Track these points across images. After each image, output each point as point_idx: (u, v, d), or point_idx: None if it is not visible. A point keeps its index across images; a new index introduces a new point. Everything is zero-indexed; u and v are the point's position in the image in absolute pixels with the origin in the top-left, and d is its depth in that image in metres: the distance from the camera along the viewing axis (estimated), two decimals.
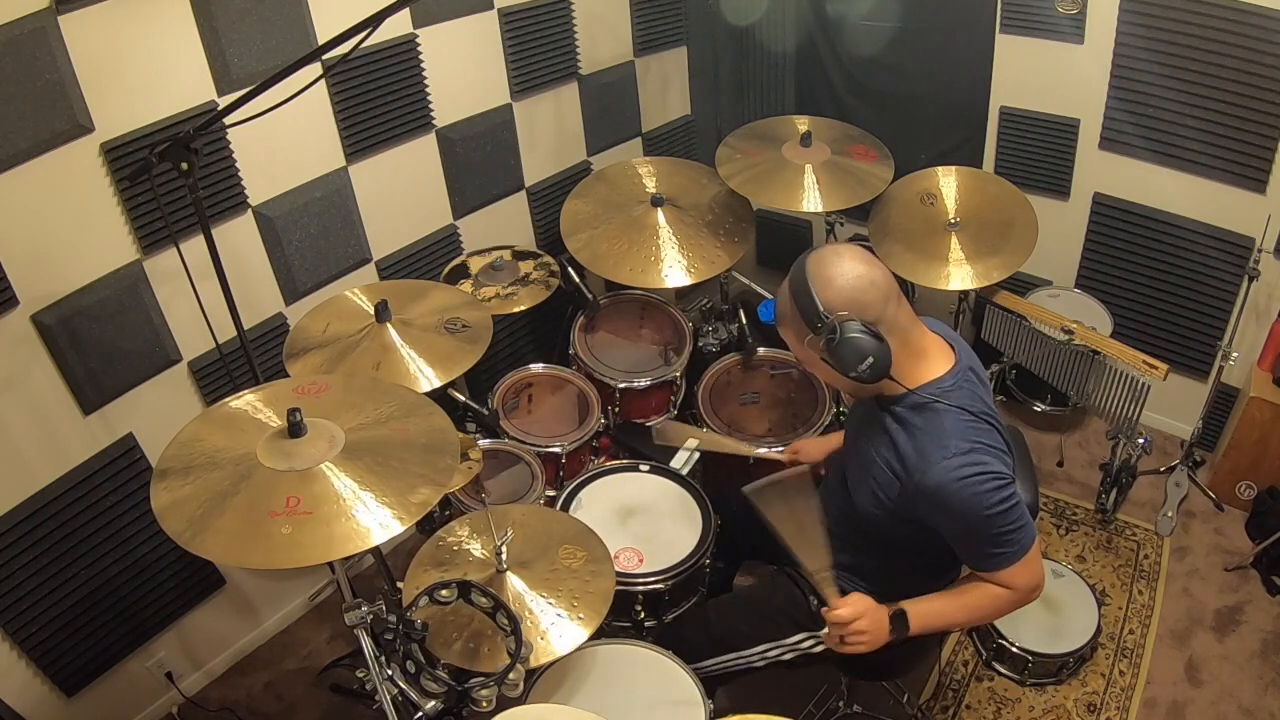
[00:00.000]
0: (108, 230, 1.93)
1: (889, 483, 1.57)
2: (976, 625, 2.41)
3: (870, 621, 1.60)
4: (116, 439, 2.08)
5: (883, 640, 1.61)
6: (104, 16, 1.78)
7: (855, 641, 1.60)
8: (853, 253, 1.53)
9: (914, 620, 1.60)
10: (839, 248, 1.55)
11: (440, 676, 1.49)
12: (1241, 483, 2.83)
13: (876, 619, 1.60)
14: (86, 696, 2.18)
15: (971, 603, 1.61)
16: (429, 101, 2.51)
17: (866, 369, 1.46)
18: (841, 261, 1.51)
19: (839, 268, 1.50)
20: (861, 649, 1.60)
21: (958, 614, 1.63)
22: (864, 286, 1.49)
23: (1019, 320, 2.69)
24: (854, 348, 1.45)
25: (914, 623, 1.60)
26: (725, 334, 2.82)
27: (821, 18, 3.09)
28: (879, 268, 1.53)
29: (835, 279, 1.49)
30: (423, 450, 1.45)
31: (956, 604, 1.62)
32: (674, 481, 2.18)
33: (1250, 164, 2.56)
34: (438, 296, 2.19)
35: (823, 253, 1.54)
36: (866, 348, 1.45)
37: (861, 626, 1.59)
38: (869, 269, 1.51)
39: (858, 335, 1.45)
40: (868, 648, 1.60)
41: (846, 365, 1.47)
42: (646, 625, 1.96)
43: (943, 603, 1.63)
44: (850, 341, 1.45)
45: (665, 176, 2.80)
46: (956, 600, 1.62)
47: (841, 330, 1.45)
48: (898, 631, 1.60)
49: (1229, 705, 2.32)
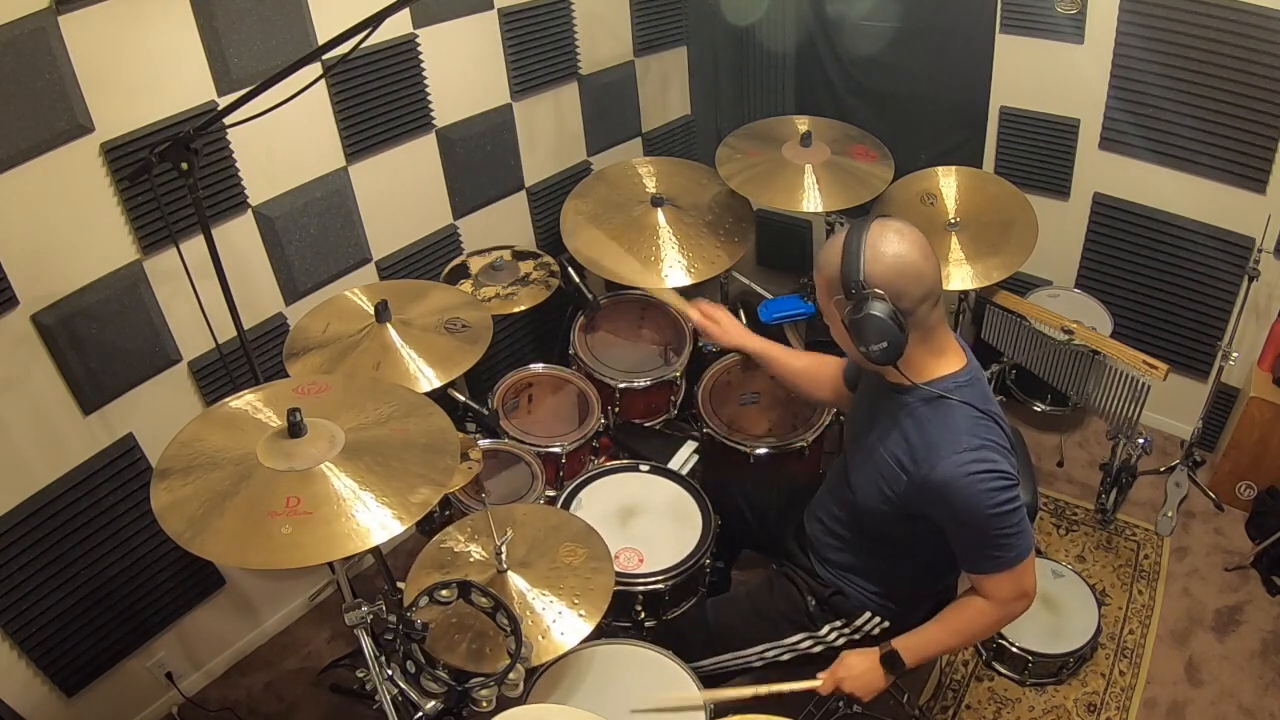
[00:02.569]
0: (108, 230, 1.93)
1: (895, 477, 1.57)
2: (970, 645, 2.42)
3: (858, 679, 1.64)
4: (116, 439, 2.08)
5: (882, 685, 1.65)
6: (104, 16, 1.78)
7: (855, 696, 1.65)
8: (916, 239, 1.51)
9: (907, 655, 1.63)
10: (907, 229, 1.53)
11: (440, 676, 1.49)
12: (1241, 483, 2.83)
13: (864, 671, 1.64)
14: (86, 696, 2.18)
15: (961, 626, 1.62)
16: (429, 101, 2.51)
17: (878, 350, 1.46)
18: (902, 242, 1.49)
19: (897, 247, 1.48)
20: (868, 698, 1.65)
21: (950, 639, 1.65)
22: (910, 275, 1.48)
23: (1019, 320, 2.69)
24: (874, 327, 1.45)
25: (907, 657, 1.63)
26: None
27: (821, 18, 3.09)
28: (933, 263, 1.51)
29: (887, 255, 1.48)
30: (423, 450, 1.45)
31: (946, 630, 1.63)
32: (674, 481, 2.18)
33: (1250, 164, 2.56)
34: (438, 296, 2.19)
35: (890, 224, 1.52)
36: (885, 331, 1.45)
37: (849, 688, 1.64)
38: (923, 262, 1.50)
39: (881, 317, 1.45)
40: (871, 695, 1.65)
41: (860, 338, 1.47)
42: (646, 625, 1.96)
43: (932, 631, 1.64)
44: (873, 320, 1.45)
45: (665, 176, 2.79)
46: (945, 626, 1.63)
47: (869, 306, 1.45)
48: (894, 670, 1.63)
49: (1229, 705, 2.32)
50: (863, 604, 1.79)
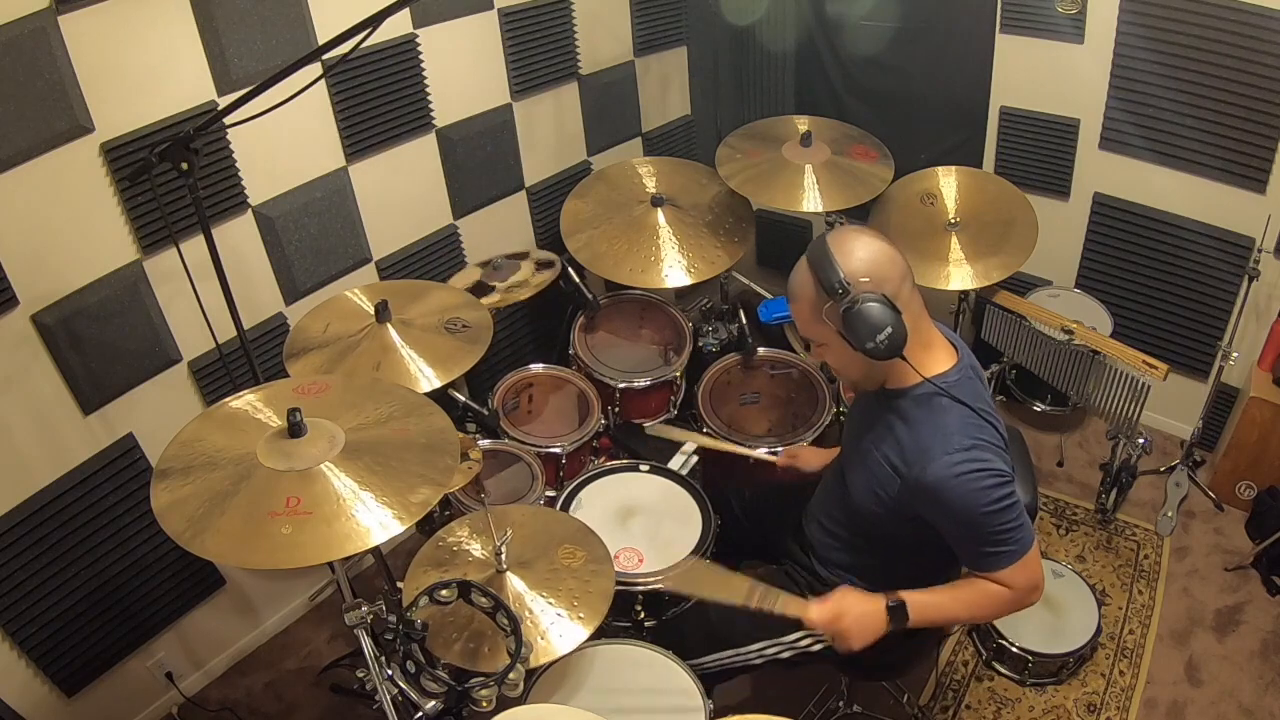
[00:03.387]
0: (108, 230, 1.93)
1: (888, 479, 1.57)
2: (976, 623, 2.41)
3: (855, 619, 1.58)
4: (116, 439, 2.08)
5: (878, 632, 1.58)
6: (104, 16, 1.78)
7: (844, 639, 1.58)
8: (872, 231, 1.56)
9: (913, 610, 1.58)
10: (860, 227, 1.57)
11: (440, 676, 1.49)
12: (1241, 483, 2.83)
13: (864, 613, 1.58)
14: (86, 696, 2.18)
15: (971, 599, 1.59)
16: (429, 101, 2.51)
17: (884, 340, 1.45)
18: (862, 236, 1.53)
19: (860, 240, 1.51)
20: (856, 645, 1.58)
21: (957, 608, 1.61)
22: (885, 260, 1.50)
23: (1019, 320, 2.69)
24: (872, 317, 1.45)
25: (913, 613, 1.58)
26: (725, 334, 2.82)
27: (821, 18, 3.09)
28: (897, 249, 1.54)
29: (857, 250, 1.50)
30: (423, 450, 1.45)
31: (956, 598, 1.60)
32: (674, 481, 2.18)
33: (1250, 164, 2.56)
34: (438, 296, 2.19)
35: (844, 230, 1.56)
36: (885, 319, 1.45)
37: (844, 625, 1.58)
38: (889, 246, 1.53)
39: (876, 304, 1.45)
40: (862, 642, 1.58)
41: (863, 337, 1.46)
42: (646, 625, 1.96)
43: (942, 596, 1.61)
44: (869, 310, 1.45)
45: (665, 176, 2.80)
46: (956, 595, 1.60)
47: (861, 299, 1.45)
48: (896, 622, 1.58)
49: (1229, 705, 2.32)
50: None
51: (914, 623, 1.59)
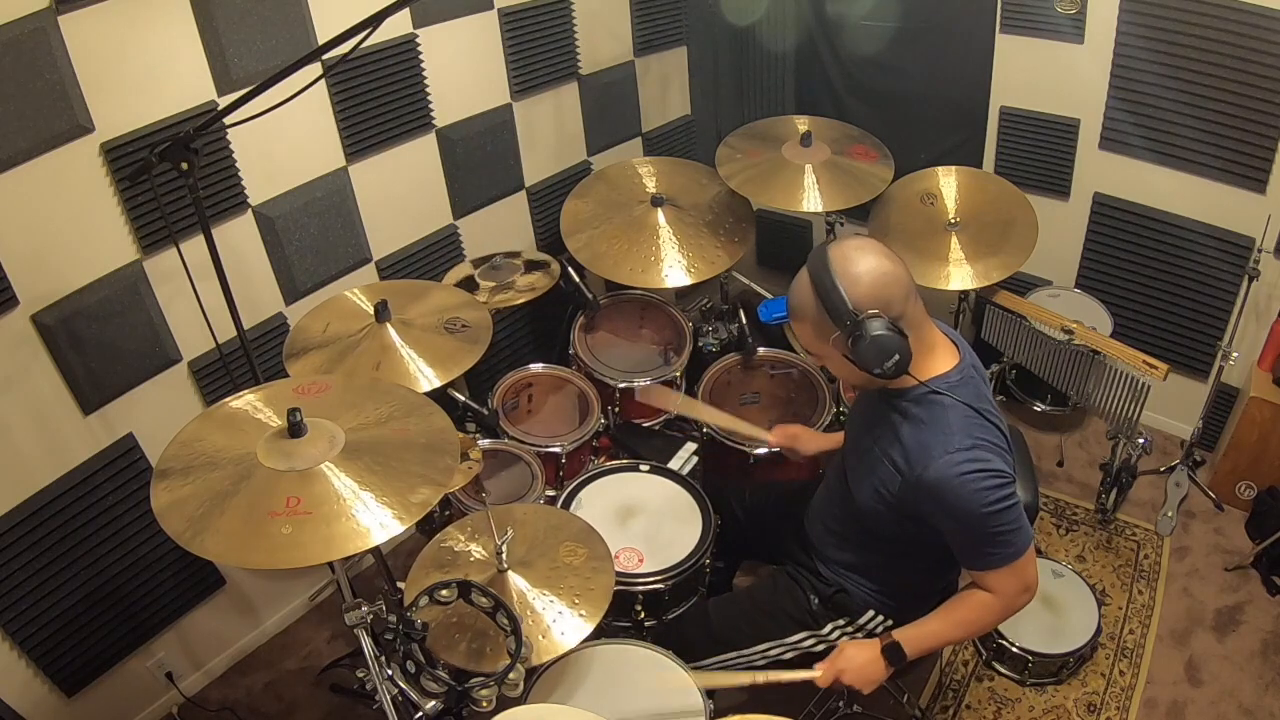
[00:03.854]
0: (108, 230, 1.93)
1: (890, 477, 1.57)
2: (974, 637, 2.42)
3: (858, 670, 1.62)
4: (116, 439, 2.08)
5: (883, 674, 1.62)
6: (104, 16, 1.78)
7: (855, 688, 1.62)
8: (875, 247, 1.52)
9: (908, 646, 1.61)
10: (860, 242, 1.53)
11: (440, 676, 1.49)
12: (1241, 483, 2.83)
13: (865, 662, 1.62)
14: (86, 696, 2.18)
15: (962, 617, 1.61)
16: (429, 101, 2.51)
17: (891, 366, 1.45)
18: (866, 257, 1.49)
19: (865, 264, 1.48)
20: (867, 690, 1.62)
21: (952, 631, 1.64)
22: (889, 283, 1.48)
23: (1019, 320, 2.69)
24: (880, 346, 1.44)
25: (909, 648, 1.61)
26: (725, 334, 2.82)
27: (821, 18, 3.09)
28: (900, 262, 1.52)
29: (863, 276, 1.47)
30: (423, 450, 1.45)
31: (947, 620, 1.62)
32: (674, 481, 2.18)
33: (1250, 164, 2.56)
34: (438, 296, 2.19)
35: (845, 248, 1.51)
36: (892, 346, 1.45)
37: (850, 679, 1.62)
38: (893, 265, 1.50)
39: (884, 334, 1.44)
40: (872, 687, 1.62)
41: (870, 363, 1.46)
42: (646, 625, 1.96)
43: (934, 623, 1.63)
44: (877, 340, 1.44)
45: (665, 176, 2.80)
46: (947, 616, 1.63)
47: (868, 328, 1.44)
48: (895, 661, 1.61)
49: (1229, 705, 2.32)
50: (866, 602, 1.79)
51: (912, 656, 1.62)
